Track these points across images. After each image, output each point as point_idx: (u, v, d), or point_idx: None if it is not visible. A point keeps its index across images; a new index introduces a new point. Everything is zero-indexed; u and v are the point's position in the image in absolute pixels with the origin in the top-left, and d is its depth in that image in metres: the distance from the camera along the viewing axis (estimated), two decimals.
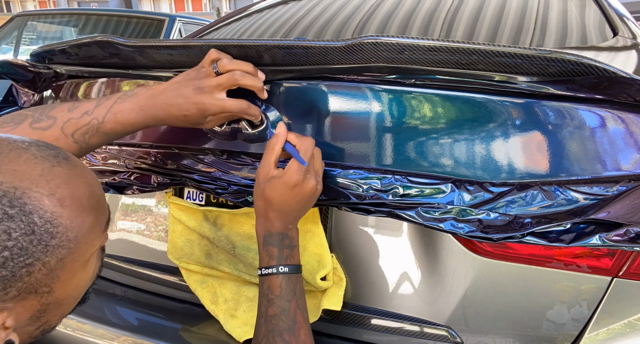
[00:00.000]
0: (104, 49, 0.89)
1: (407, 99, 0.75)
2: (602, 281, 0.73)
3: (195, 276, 0.99)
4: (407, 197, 0.74)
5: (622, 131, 0.66)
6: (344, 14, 1.48)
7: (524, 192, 0.69)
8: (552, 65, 0.64)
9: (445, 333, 0.81)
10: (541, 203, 0.68)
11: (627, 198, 0.64)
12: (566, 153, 0.67)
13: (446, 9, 1.38)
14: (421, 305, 0.82)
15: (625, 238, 0.62)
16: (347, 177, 0.78)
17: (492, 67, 0.67)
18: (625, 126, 0.66)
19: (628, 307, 0.73)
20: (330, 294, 0.85)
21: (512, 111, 0.70)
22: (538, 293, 0.75)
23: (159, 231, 1.07)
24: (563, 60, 0.62)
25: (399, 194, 0.75)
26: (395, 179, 0.75)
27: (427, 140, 0.74)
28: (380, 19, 1.39)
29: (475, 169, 0.71)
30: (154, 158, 0.93)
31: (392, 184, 0.75)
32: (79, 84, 1.04)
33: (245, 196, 0.86)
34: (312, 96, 0.80)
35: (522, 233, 0.66)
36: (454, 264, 0.78)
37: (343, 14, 1.49)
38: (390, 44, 0.67)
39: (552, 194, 0.68)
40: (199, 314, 0.98)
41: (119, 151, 0.96)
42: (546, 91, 0.67)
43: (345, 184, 0.78)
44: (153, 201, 1.08)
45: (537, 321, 0.76)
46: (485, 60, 0.65)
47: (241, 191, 0.85)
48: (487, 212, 0.69)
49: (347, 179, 0.78)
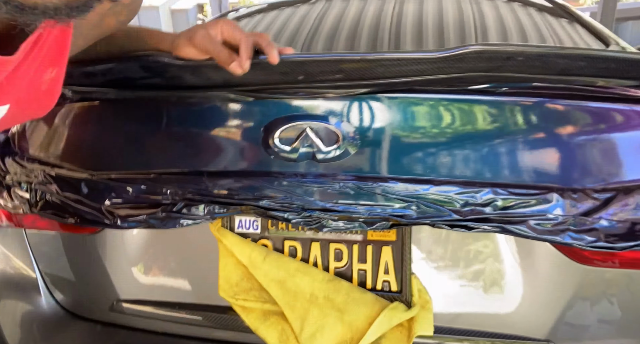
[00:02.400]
0: (146, 68, 0.79)
1: (499, 108, 0.72)
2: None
3: (255, 314, 0.89)
4: (511, 210, 0.71)
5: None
6: (291, 27, 1.46)
7: (632, 197, 0.68)
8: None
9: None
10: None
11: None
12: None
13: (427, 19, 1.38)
14: (520, 321, 0.79)
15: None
16: (440, 193, 0.74)
17: (597, 73, 0.66)
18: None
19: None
20: (420, 318, 0.80)
21: (612, 116, 0.69)
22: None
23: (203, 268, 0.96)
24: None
25: (499, 207, 0.71)
26: (494, 192, 0.72)
27: (524, 149, 0.72)
28: (327, 31, 1.38)
29: (576, 176, 0.70)
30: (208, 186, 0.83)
31: (491, 197, 0.72)
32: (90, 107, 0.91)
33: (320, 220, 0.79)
34: (395, 110, 0.76)
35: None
36: (555, 274, 0.76)
37: (289, 28, 1.46)
38: (496, 51, 0.64)
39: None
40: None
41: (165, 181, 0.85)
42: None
43: (439, 201, 0.74)
44: (193, 235, 0.97)
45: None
46: (592, 66, 0.65)
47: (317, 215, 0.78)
48: (600, 220, 0.68)
49: (441, 195, 0.74)
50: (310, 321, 0.83)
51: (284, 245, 0.88)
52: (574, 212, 0.69)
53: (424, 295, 0.82)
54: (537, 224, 0.69)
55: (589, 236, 0.67)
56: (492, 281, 0.80)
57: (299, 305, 0.85)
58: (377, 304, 0.81)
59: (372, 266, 0.85)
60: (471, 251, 0.81)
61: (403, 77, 0.72)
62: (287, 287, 0.85)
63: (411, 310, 0.80)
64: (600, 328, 0.76)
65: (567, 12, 1.44)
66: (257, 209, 0.81)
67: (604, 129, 0.70)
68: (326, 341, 0.81)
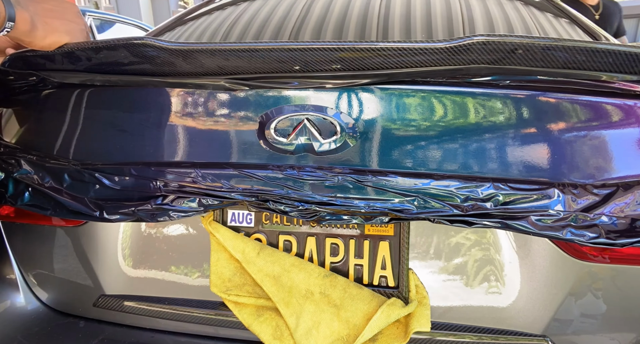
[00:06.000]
0: (135, 53, 0.75)
1: (502, 101, 0.71)
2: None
3: (249, 309, 0.87)
4: (512, 205, 0.70)
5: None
6: (277, 17, 1.43)
7: (632, 193, 0.68)
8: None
9: (542, 343, 0.78)
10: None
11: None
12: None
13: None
14: (516, 316, 0.79)
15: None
16: (441, 187, 0.72)
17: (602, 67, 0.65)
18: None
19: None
20: (417, 314, 0.79)
21: (613, 111, 0.69)
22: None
23: (192, 262, 0.93)
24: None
25: (500, 202, 0.71)
26: (496, 187, 0.71)
27: (525, 143, 0.71)
28: (315, 21, 1.36)
29: (577, 171, 0.70)
30: (201, 178, 0.80)
31: (492, 192, 0.71)
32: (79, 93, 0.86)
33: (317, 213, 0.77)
34: (395, 102, 0.73)
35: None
36: (552, 269, 0.76)
37: (275, 18, 1.44)
38: (502, 43, 0.63)
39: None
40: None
41: (156, 173, 0.81)
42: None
43: (440, 195, 0.72)
44: (181, 228, 0.94)
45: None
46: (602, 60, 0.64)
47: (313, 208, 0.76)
48: (601, 216, 0.67)
49: (441, 190, 0.72)
50: (305, 317, 0.81)
51: (278, 239, 0.86)
52: (574, 208, 0.68)
53: (421, 291, 0.81)
54: (538, 220, 0.68)
55: (589, 232, 0.66)
56: (489, 276, 0.80)
57: (294, 301, 0.82)
58: (374, 300, 0.80)
59: (369, 261, 0.83)
60: (468, 247, 0.81)
61: (405, 68, 0.70)
62: (282, 282, 0.83)
63: (409, 306, 0.79)
64: (596, 323, 0.77)
65: (555, 7, 1.44)
66: (251, 202, 0.78)
67: (604, 124, 0.69)
68: (322, 337, 0.80)
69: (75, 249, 0.96)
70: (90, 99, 0.84)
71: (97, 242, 0.95)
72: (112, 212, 0.82)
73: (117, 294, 0.97)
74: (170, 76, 0.79)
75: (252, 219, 0.88)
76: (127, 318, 0.95)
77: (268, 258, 0.83)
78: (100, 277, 0.96)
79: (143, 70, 0.80)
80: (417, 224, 0.82)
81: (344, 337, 0.79)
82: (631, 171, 0.68)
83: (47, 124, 0.87)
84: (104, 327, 0.96)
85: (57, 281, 0.99)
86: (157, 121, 0.81)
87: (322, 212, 0.77)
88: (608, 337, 0.77)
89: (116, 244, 0.95)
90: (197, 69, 0.77)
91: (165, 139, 0.80)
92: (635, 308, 0.76)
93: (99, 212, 0.82)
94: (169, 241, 0.94)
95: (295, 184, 0.76)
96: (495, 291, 0.80)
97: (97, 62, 0.79)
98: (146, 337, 0.92)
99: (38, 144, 0.88)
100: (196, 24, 1.48)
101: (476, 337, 0.82)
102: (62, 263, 0.98)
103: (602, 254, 0.74)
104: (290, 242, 0.86)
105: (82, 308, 0.99)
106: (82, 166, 0.83)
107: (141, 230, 0.95)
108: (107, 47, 0.75)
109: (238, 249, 0.85)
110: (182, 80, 0.79)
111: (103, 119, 0.83)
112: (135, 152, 0.82)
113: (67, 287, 0.99)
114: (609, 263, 0.74)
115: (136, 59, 0.77)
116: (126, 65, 0.79)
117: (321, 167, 0.76)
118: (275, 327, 0.84)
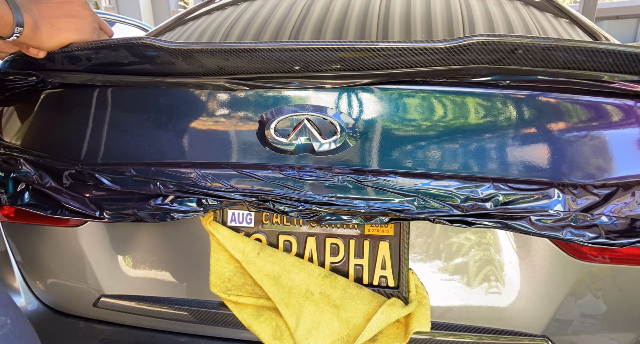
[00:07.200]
0: (135, 53, 0.75)
1: (502, 102, 0.71)
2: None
3: (249, 310, 0.87)
4: (512, 205, 0.70)
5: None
6: (277, 18, 1.43)
7: (631, 193, 0.68)
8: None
9: (542, 343, 0.78)
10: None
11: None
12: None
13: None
14: (516, 316, 0.79)
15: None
16: (441, 187, 0.72)
17: (603, 67, 0.65)
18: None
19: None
20: (417, 314, 0.79)
21: (613, 112, 0.69)
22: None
23: (192, 262, 0.93)
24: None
25: (500, 202, 0.71)
26: (496, 187, 0.71)
27: (526, 143, 0.71)
28: (315, 21, 1.36)
29: (577, 171, 0.70)
30: (201, 178, 0.80)
31: (492, 192, 0.71)
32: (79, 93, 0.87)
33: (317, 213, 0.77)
34: (396, 102, 0.73)
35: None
36: (553, 270, 0.76)
37: (275, 18, 1.44)
38: (502, 43, 0.63)
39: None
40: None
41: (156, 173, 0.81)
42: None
43: (440, 195, 0.72)
44: (181, 228, 0.94)
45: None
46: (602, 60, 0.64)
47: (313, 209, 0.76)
48: (601, 216, 0.67)
49: (441, 190, 0.72)
50: (305, 318, 0.81)
51: (278, 239, 0.86)
52: (574, 208, 0.68)
53: (421, 291, 0.81)
54: (538, 220, 0.68)
55: (589, 233, 0.66)
56: (489, 277, 0.80)
57: (294, 301, 0.82)
58: (374, 301, 0.80)
59: (369, 262, 0.83)
60: (468, 247, 0.81)
61: (405, 68, 0.70)
62: (282, 282, 0.83)
63: (409, 306, 0.79)
64: (596, 323, 0.77)
65: (555, 7, 1.44)
66: (251, 202, 0.78)
67: (605, 124, 0.69)
68: (322, 337, 0.80)
69: (75, 250, 0.96)
70: (90, 99, 0.84)
71: (97, 242, 0.95)
72: (112, 213, 0.82)
73: (117, 294, 0.97)
74: (170, 76, 0.79)
75: (252, 219, 0.88)
76: (127, 318, 0.95)
77: (268, 258, 0.83)
78: (100, 277, 0.96)
79: (143, 70, 0.80)
80: (417, 224, 0.82)
81: (344, 337, 0.79)
82: (631, 171, 0.68)
83: (47, 124, 0.87)
84: (104, 327, 0.96)
85: (57, 281, 0.99)
86: (157, 121, 0.81)
87: (322, 213, 0.77)
88: (608, 337, 0.77)
89: (116, 244, 0.95)
90: (197, 69, 0.77)
91: (165, 139, 0.80)
92: (635, 308, 0.76)
93: (99, 212, 0.82)
94: (169, 241, 0.94)
95: (295, 184, 0.76)
96: (495, 291, 0.80)
97: (97, 62, 0.80)
98: (146, 337, 0.92)
99: (38, 144, 0.88)
100: (196, 24, 1.48)
101: (476, 337, 0.82)
102: (62, 263, 0.98)
103: (602, 254, 0.74)
104: (290, 243, 0.86)
105: (82, 308, 0.99)
106: (82, 165, 0.83)
107: (141, 230, 0.95)
108: (107, 47, 0.75)
109: (238, 249, 0.85)
110: (182, 80, 0.79)
111: (103, 119, 0.83)
112: (135, 152, 0.82)
113: (67, 287, 0.99)
114: (609, 263, 0.74)
115: (136, 59, 0.77)
116: (126, 66, 0.79)
117: (321, 167, 0.76)
118: (275, 327, 0.84)
